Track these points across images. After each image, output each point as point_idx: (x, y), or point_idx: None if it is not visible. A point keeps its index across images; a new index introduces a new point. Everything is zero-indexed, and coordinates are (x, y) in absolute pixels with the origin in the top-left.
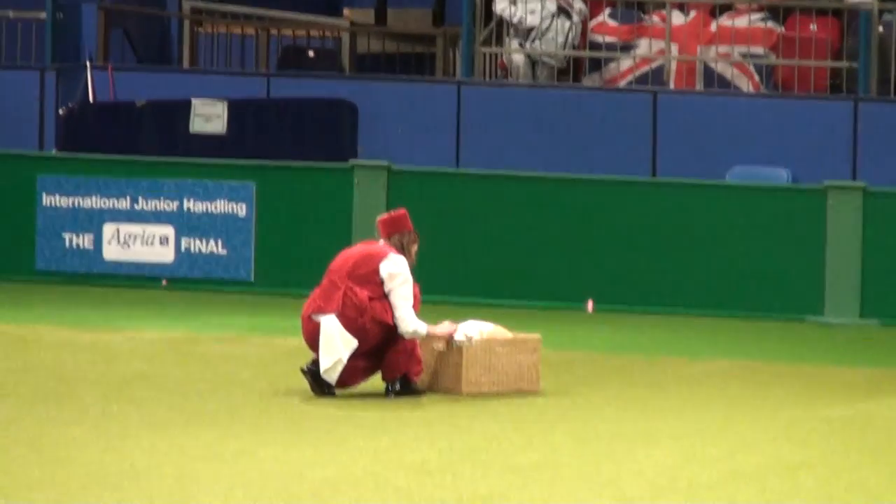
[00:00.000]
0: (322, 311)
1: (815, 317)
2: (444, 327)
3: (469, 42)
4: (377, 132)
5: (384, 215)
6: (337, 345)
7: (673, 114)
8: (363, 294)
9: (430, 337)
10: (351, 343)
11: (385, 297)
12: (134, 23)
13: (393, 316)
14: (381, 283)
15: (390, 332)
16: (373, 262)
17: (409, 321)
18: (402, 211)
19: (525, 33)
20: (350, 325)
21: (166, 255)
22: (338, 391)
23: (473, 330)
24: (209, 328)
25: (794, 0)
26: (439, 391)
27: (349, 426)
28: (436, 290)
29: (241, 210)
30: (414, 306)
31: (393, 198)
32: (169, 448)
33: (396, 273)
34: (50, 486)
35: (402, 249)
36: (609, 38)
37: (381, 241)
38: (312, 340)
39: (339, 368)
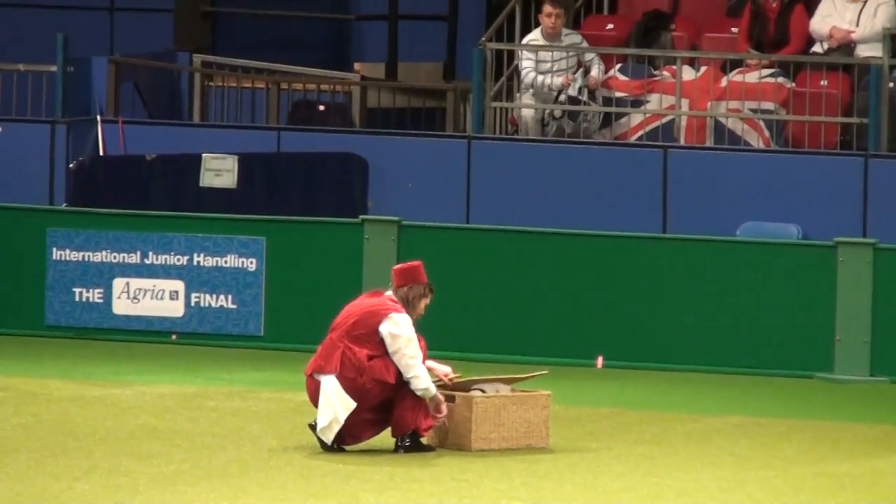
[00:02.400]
0: (322, 370)
1: (825, 373)
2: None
3: (480, 97)
4: (387, 187)
5: (400, 265)
6: (334, 406)
7: (683, 169)
8: (362, 353)
9: (436, 401)
10: (349, 405)
11: (386, 355)
12: (144, 76)
13: (398, 375)
14: (381, 342)
15: (391, 390)
16: (372, 321)
17: (422, 379)
18: (417, 263)
19: (544, 93)
20: (349, 385)
21: (176, 309)
22: (347, 447)
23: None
24: (218, 383)
25: (805, 56)
26: (448, 447)
27: (358, 482)
28: (445, 346)
29: (251, 265)
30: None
31: (403, 252)
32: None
33: (398, 334)
34: None
35: (406, 303)
36: (619, 93)
37: (388, 292)
38: (315, 399)
39: (336, 428)
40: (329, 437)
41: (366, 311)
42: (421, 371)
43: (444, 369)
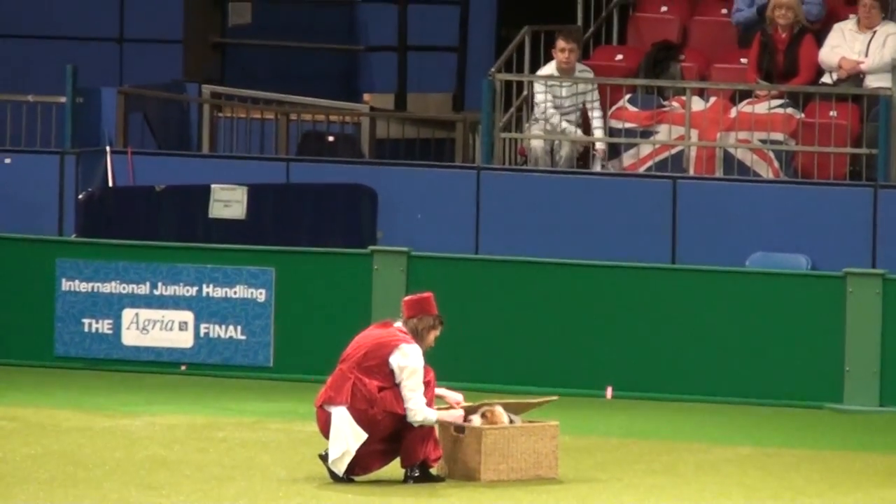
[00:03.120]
0: (333, 401)
1: (835, 404)
2: (453, 413)
3: (489, 128)
4: (397, 217)
5: (410, 296)
6: (346, 437)
7: (693, 200)
8: (373, 385)
9: (440, 423)
10: (360, 436)
11: (396, 386)
12: (153, 107)
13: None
14: (391, 373)
15: (402, 420)
16: (382, 353)
17: (417, 412)
18: (427, 294)
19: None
20: (360, 417)
21: (185, 340)
22: (357, 477)
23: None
24: (228, 413)
25: (814, 86)
26: (458, 478)
27: None
28: (454, 377)
29: (260, 295)
30: (426, 392)
31: (412, 283)
32: None
33: (405, 366)
34: None
35: (416, 335)
36: (629, 124)
37: (398, 323)
38: (325, 430)
39: (347, 460)
40: (341, 469)
41: (376, 342)
42: (416, 403)
43: (455, 397)
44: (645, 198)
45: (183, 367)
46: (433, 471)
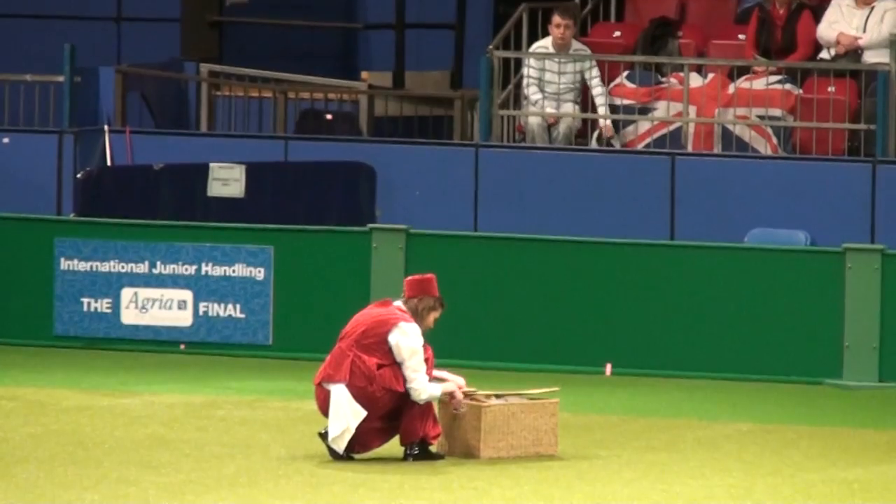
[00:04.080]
0: (332, 379)
1: (834, 380)
2: (455, 381)
3: (487, 105)
4: (395, 195)
5: (413, 276)
6: (345, 414)
7: (691, 176)
8: (371, 362)
9: (445, 395)
10: (360, 413)
11: (395, 363)
12: (151, 86)
13: (406, 386)
14: (390, 350)
15: (401, 398)
16: (381, 330)
17: (421, 391)
18: (430, 276)
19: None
20: (359, 394)
21: (184, 319)
22: (356, 455)
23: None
24: (227, 392)
25: (812, 62)
26: (457, 455)
27: (367, 490)
28: (453, 354)
29: (259, 274)
30: (427, 371)
31: (411, 261)
32: None
33: (404, 345)
34: None
35: (416, 315)
36: (627, 101)
37: (398, 302)
38: (324, 408)
39: (347, 437)
40: (341, 446)
41: (375, 320)
42: (420, 383)
43: (457, 380)
44: (643, 174)
45: (182, 346)
46: (432, 448)
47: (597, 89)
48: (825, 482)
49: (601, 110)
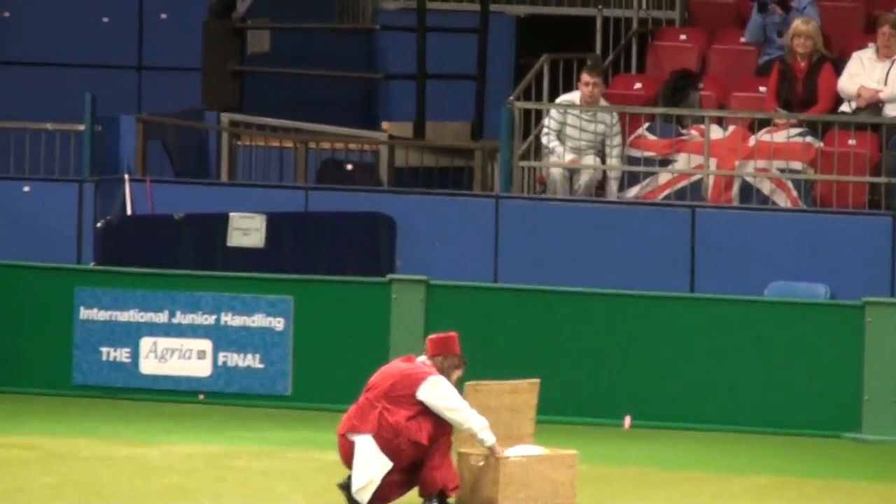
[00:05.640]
0: (357, 430)
1: (853, 433)
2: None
3: (507, 156)
4: (415, 246)
5: (435, 335)
6: (371, 466)
7: (711, 228)
8: (399, 415)
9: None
10: (386, 465)
11: (420, 416)
12: (172, 135)
13: (431, 436)
14: (418, 404)
15: (424, 450)
16: (411, 384)
17: (474, 421)
18: (452, 334)
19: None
20: (385, 445)
21: (203, 369)
22: None
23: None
24: (246, 442)
25: (833, 115)
26: None
27: None
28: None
29: (278, 324)
30: (444, 427)
31: (431, 312)
32: None
33: (441, 394)
34: None
35: (441, 372)
36: (647, 153)
37: (422, 358)
38: (347, 459)
39: (372, 489)
40: (364, 498)
41: (404, 374)
42: (470, 414)
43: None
44: (663, 226)
45: (201, 396)
46: (451, 500)
47: (616, 150)
48: None
49: (612, 162)
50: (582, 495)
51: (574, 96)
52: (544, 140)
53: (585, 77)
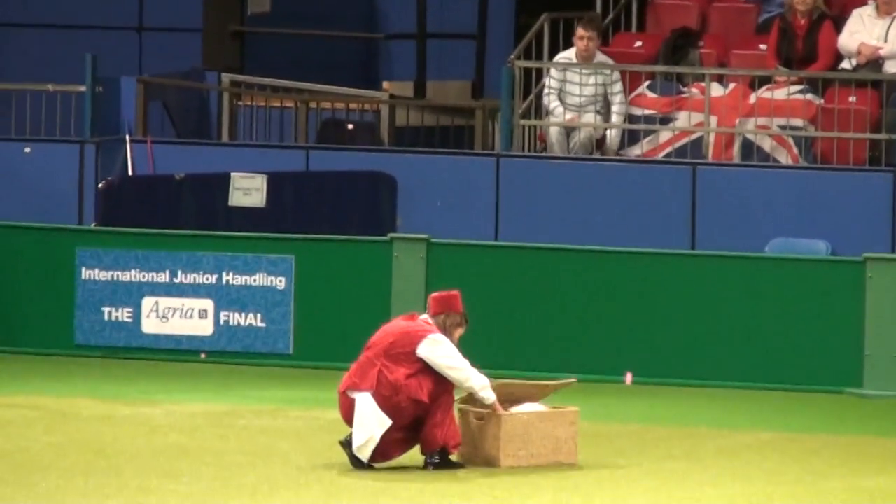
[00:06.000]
0: (357, 388)
1: (854, 389)
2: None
3: (508, 115)
4: (416, 205)
5: (438, 293)
6: (370, 424)
7: (711, 186)
8: (399, 373)
9: (494, 405)
10: (385, 422)
11: (421, 374)
12: (173, 96)
13: (432, 394)
14: (419, 362)
15: (425, 408)
16: (411, 341)
17: (475, 380)
18: (455, 292)
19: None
20: (384, 403)
21: (205, 328)
22: (376, 464)
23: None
24: (248, 401)
25: (833, 72)
26: (478, 464)
27: (388, 499)
28: (473, 362)
29: (280, 283)
30: (447, 382)
31: (432, 271)
32: None
33: (441, 353)
34: None
35: (443, 330)
36: (648, 111)
37: (425, 316)
38: (348, 416)
39: (372, 446)
40: (365, 456)
41: (405, 331)
42: (471, 373)
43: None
44: (664, 184)
45: (203, 355)
46: (453, 457)
47: (617, 106)
48: (846, 491)
49: (615, 105)
50: (583, 452)
51: (570, 53)
52: (545, 101)
53: (580, 31)
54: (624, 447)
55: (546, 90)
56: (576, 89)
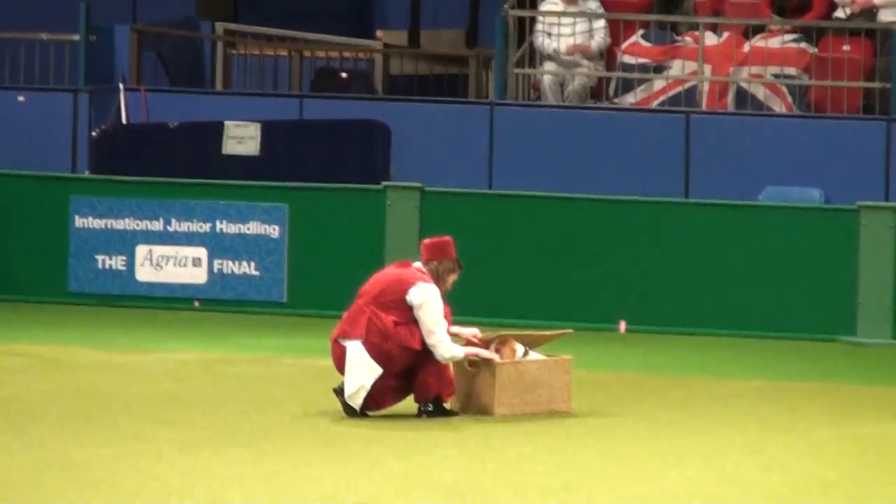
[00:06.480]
0: (348, 335)
1: (848, 337)
2: (480, 351)
3: (502, 63)
4: (410, 153)
5: (430, 239)
6: (361, 371)
7: (705, 135)
8: (388, 320)
9: (469, 356)
10: (375, 370)
11: (412, 322)
12: (167, 45)
13: (424, 342)
14: (409, 309)
15: (417, 356)
16: (401, 288)
17: (445, 349)
18: (447, 238)
19: (559, 60)
20: (375, 351)
21: (199, 276)
22: (370, 412)
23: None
24: (241, 349)
25: (827, 21)
26: (471, 412)
27: (381, 447)
28: (467, 311)
29: (273, 231)
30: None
31: (426, 219)
32: (201, 469)
33: (423, 302)
34: None
35: (436, 277)
36: (642, 60)
37: (417, 264)
38: (340, 364)
39: (363, 394)
40: (357, 403)
41: (394, 279)
42: (443, 339)
43: (470, 331)
44: (658, 132)
45: (196, 304)
46: (447, 405)
47: (596, 41)
48: (839, 438)
49: (596, 40)
50: (577, 400)
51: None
52: (538, 44)
53: None
54: (618, 395)
55: (536, 34)
56: (567, 30)
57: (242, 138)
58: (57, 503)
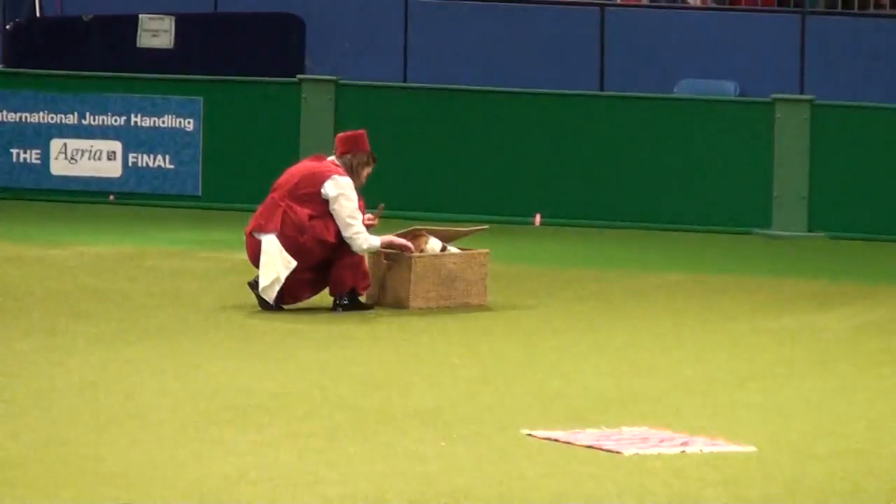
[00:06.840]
0: (263, 229)
1: (763, 230)
2: (400, 241)
3: None
4: (325, 46)
5: (344, 133)
6: (276, 264)
7: (620, 27)
8: (303, 213)
9: (386, 246)
10: (290, 263)
11: (327, 215)
12: None
13: (339, 235)
14: (323, 202)
15: (332, 249)
16: (315, 181)
17: (361, 240)
18: (361, 131)
19: None
20: (289, 244)
21: (114, 170)
22: (286, 306)
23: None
24: (157, 243)
25: None
26: (387, 305)
27: (296, 340)
28: (384, 206)
29: (188, 125)
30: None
31: (340, 112)
32: (117, 363)
33: (339, 194)
34: None
35: (350, 170)
36: None
37: (332, 157)
38: (255, 258)
39: (277, 287)
40: (271, 296)
41: (309, 172)
42: (360, 231)
43: (401, 242)
44: (573, 25)
45: (111, 197)
46: (362, 299)
47: None
48: (754, 331)
49: None
50: (493, 293)
51: None
52: None
53: None
54: (533, 288)
55: None
56: None
57: (157, 31)
58: None
